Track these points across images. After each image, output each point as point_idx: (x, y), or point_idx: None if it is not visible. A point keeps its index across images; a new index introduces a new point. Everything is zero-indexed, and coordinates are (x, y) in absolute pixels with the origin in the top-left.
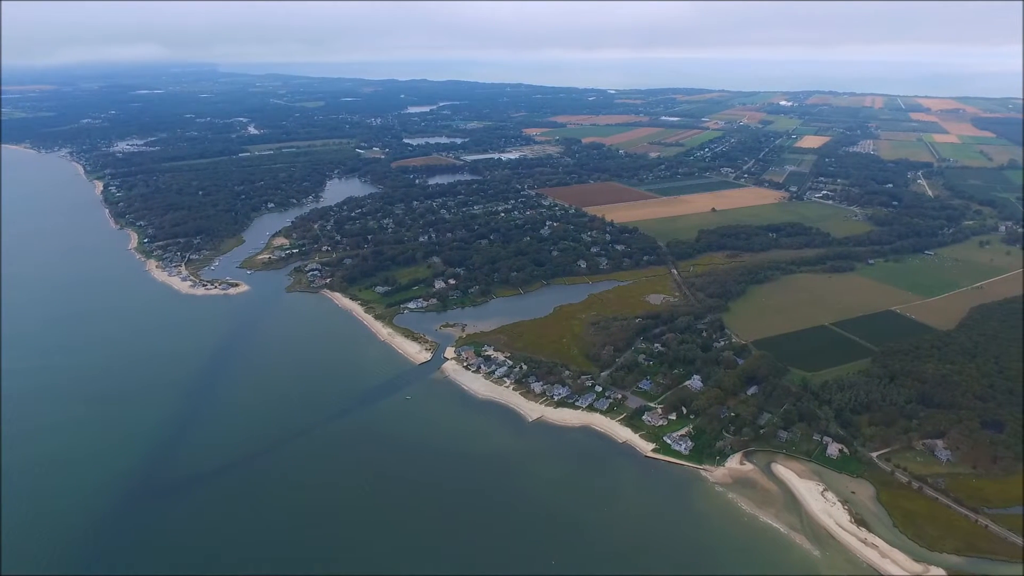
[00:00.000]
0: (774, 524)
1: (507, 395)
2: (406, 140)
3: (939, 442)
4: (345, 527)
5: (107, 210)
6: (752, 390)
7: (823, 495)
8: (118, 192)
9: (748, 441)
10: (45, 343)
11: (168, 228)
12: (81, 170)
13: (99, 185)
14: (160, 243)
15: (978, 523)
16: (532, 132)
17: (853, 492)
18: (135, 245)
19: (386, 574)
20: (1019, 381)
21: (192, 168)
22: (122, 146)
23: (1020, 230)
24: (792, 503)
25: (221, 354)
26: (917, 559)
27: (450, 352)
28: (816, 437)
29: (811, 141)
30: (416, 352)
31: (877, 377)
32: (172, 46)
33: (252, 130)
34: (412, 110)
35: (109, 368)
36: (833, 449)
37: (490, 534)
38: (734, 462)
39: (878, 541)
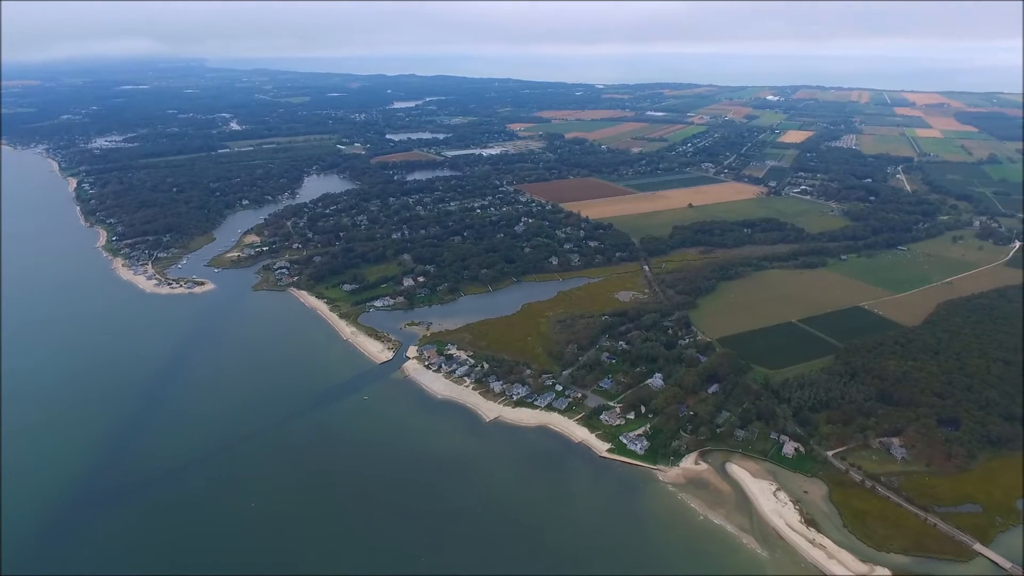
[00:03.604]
0: (724, 525)
1: (466, 395)
2: (389, 136)
3: (895, 440)
4: (294, 529)
5: (78, 207)
6: (713, 388)
7: (775, 495)
8: (91, 189)
9: (704, 440)
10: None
11: (138, 226)
12: (56, 167)
13: (72, 182)
14: (129, 241)
15: (927, 522)
16: (516, 127)
17: (806, 492)
18: (103, 243)
19: (347, 574)
20: (978, 378)
21: (169, 165)
22: (100, 142)
23: (995, 224)
24: (743, 503)
25: (180, 354)
26: (864, 559)
27: (412, 351)
28: (773, 436)
29: (794, 136)
30: (378, 351)
31: (838, 375)
32: (166, 41)
33: (234, 126)
34: (398, 105)
35: (64, 370)
36: (789, 448)
37: (438, 535)
38: (689, 462)
39: (826, 541)
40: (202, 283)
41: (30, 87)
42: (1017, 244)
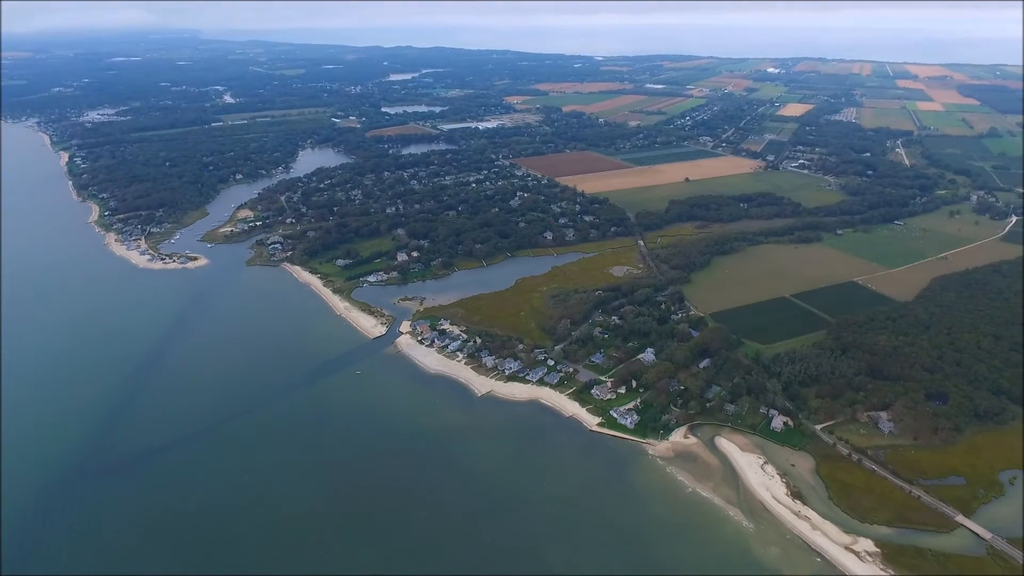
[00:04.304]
0: (711, 497)
1: (458, 369)
2: (384, 109)
3: (883, 414)
4: (286, 502)
5: (70, 182)
6: (704, 363)
7: (763, 468)
8: (83, 164)
9: (694, 415)
10: None
11: (131, 201)
12: (48, 141)
13: (64, 156)
14: (121, 216)
15: (912, 494)
16: (513, 100)
17: (793, 465)
18: (95, 218)
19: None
20: (968, 352)
21: (162, 138)
22: (92, 116)
23: (993, 199)
24: (731, 476)
25: (173, 330)
26: (847, 531)
27: (405, 326)
28: (763, 410)
29: (794, 109)
30: (371, 326)
31: (829, 349)
32: (158, 12)
33: (228, 99)
34: (394, 78)
35: (58, 346)
36: (778, 422)
37: (429, 508)
38: (678, 436)
39: (811, 513)
40: (195, 258)
41: (21, 59)
42: (1013, 219)
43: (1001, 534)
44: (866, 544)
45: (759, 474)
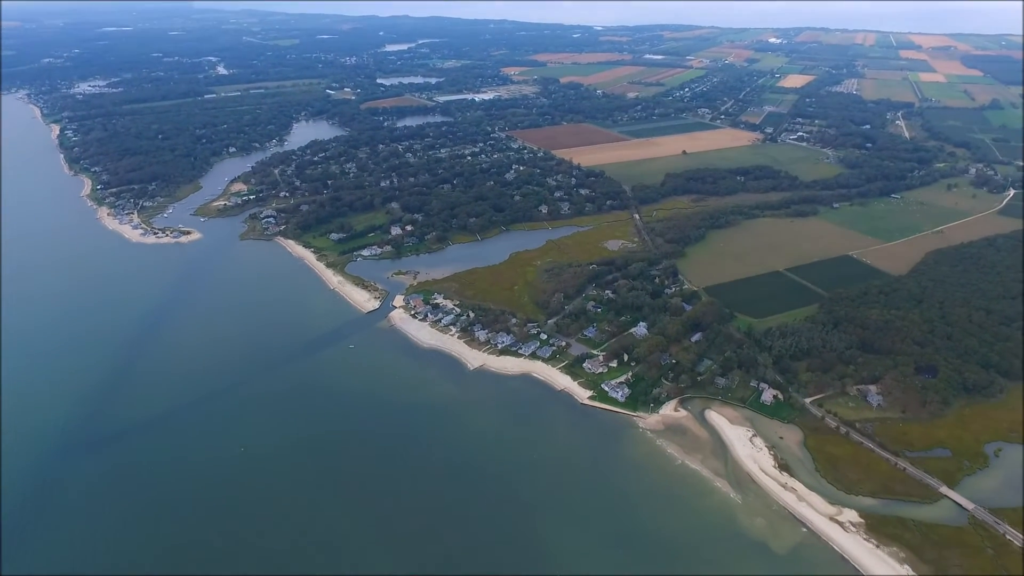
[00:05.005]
0: (699, 469)
1: (451, 343)
2: (380, 80)
3: (872, 387)
4: (275, 478)
5: (62, 155)
6: (696, 337)
7: (751, 441)
8: (74, 136)
9: (685, 388)
10: None
11: (123, 174)
12: (38, 113)
13: (55, 129)
14: (114, 190)
15: (897, 466)
16: (511, 71)
17: (781, 437)
18: (88, 192)
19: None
20: (959, 326)
21: (154, 111)
22: (83, 87)
23: (991, 172)
24: (720, 449)
25: (166, 304)
26: (832, 502)
27: (399, 300)
28: (753, 384)
29: (795, 80)
30: (365, 300)
31: (821, 323)
32: None
33: (221, 70)
34: (390, 48)
35: (50, 320)
36: (768, 395)
37: (422, 481)
38: (669, 409)
39: (797, 485)
40: (188, 232)
41: (9, 28)
42: (1011, 192)
43: (983, 504)
44: (850, 515)
45: (747, 446)
